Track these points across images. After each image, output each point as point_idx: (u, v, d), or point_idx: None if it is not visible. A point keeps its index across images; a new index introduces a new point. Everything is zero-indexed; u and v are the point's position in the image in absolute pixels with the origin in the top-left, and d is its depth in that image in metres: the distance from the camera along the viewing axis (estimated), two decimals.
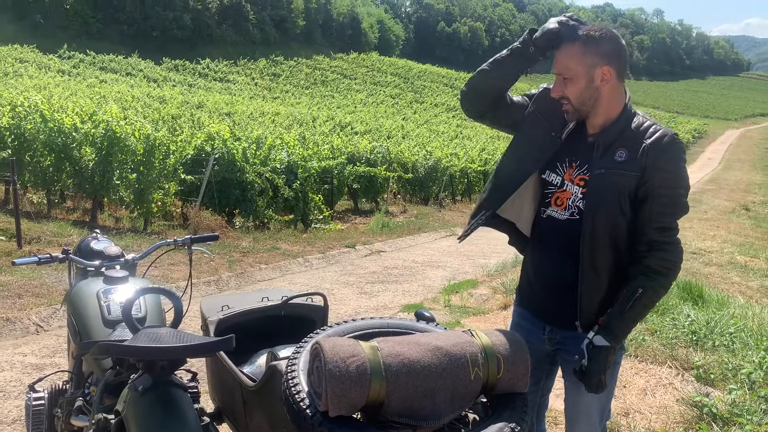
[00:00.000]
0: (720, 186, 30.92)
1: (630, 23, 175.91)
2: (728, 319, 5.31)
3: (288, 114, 37.66)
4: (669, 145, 1.91)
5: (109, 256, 2.55)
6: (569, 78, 1.93)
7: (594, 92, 1.93)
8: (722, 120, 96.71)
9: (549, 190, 2.07)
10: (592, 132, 2.01)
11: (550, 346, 2.14)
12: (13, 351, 4.57)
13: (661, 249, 1.90)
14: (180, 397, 1.78)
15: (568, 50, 1.92)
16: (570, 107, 1.97)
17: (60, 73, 42.48)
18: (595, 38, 1.91)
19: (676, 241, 1.93)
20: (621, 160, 1.93)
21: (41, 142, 9.12)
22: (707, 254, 11.34)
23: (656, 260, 1.90)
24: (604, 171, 1.95)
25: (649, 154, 1.90)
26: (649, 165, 1.90)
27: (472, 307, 6.42)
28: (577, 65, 1.91)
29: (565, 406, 2.20)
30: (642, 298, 1.89)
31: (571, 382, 2.13)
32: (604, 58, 1.91)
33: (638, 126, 1.96)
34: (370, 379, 1.50)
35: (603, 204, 1.94)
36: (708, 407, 3.56)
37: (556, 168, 2.06)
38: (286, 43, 79.03)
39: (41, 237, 7.76)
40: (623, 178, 1.92)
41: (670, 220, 1.93)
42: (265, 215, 11.24)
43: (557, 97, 1.98)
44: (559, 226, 2.03)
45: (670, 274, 1.91)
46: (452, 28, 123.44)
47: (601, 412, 2.14)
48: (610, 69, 1.92)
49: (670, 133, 1.92)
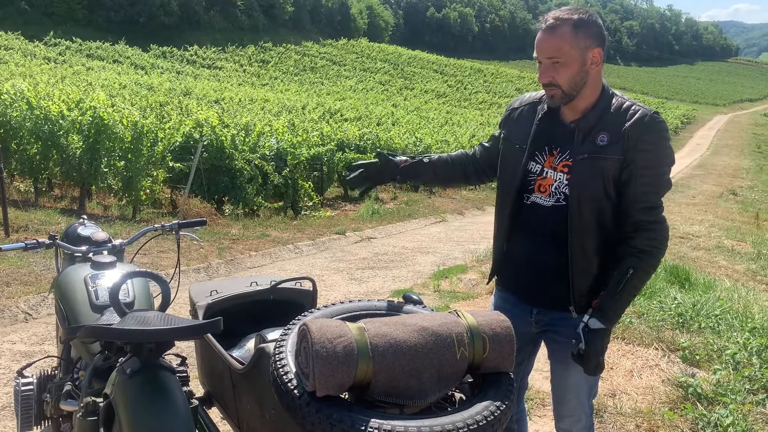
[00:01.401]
0: (708, 171, 31.11)
1: (619, 8, 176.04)
2: (714, 301, 5.38)
3: (277, 101, 37.44)
4: (649, 124, 1.90)
5: (96, 242, 2.55)
6: (561, 62, 1.90)
7: (585, 75, 1.93)
8: (711, 105, 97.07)
9: (530, 177, 2.08)
10: (573, 117, 2.01)
11: (537, 328, 2.16)
12: (1, 339, 4.56)
13: (648, 229, 1.92)
14: (168, 379, 1.78)
15: (559, 33, 1.89)
16: (559, 92, 1.94)
17: (46, 60, 41.92)
18: (585, 21, 1.90)
19: (661, 220, 1.94)
20: (603, 144, 1.94)
21: (27, 130, 9.04)
22: (695, 238, 11.43)
23: (644, 240, 1.92)
24: (587, 156, 1.95)
25: (630, 136, 1.90)
26: (631, 147, 1.90)
27: (461, 292, 6.46)
28: (572, 48, 1.89)
29: (552, 385, 2.22)
30: (633, 279, 1.91)
31: (558, 362, 2.16)
32: (596, 40, 1.92)
33: (618, 108, 1.96)
34: (357, 360, 1.51)
35: (588, 189, 1.95)
36: (693, 387, 3.61)
37: (535, 157, 2.07)
38: (275, 30, 78.34)
39: (29, 225, 7.72)
40: (606, 162, 1.93)
41: (655, 199, 1.94)
42: (254, 202, 11.21)
43: (546, 83, 1.95)
44: (546, 212, 2.03)
45: (657, 253, 1.94)
46: (442, 14, 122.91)
47: (590, 390, 2.17)
48: (600, 51, 1.93)
49: (650, 113, 1.92)
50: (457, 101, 63.34)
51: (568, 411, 2.19)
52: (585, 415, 2.19)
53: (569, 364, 2.07)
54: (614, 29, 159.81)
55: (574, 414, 2.18)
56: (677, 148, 46.71)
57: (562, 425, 2.23)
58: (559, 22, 1.89)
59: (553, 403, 2.26)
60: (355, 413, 1.49)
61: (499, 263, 2.22)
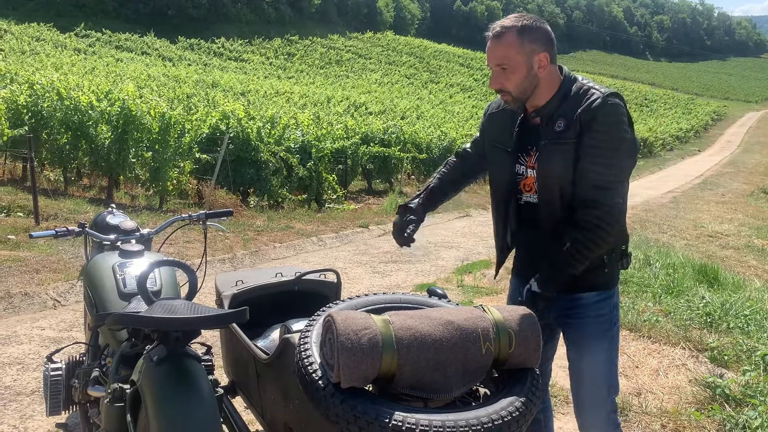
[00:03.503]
0: (738, 169, 30.51)
1: (650, 3, 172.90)
2: (744, 301, 5.28)
3: (303, 94, 37.56)
4: (601, 106, 1.92)
5: (125, 231, 2.58)
6: (509, 68, 1.96)
7: (533, 79, 1.98)
8: (742, 102, 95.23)
9: (518, 179, 2.15)
10: (534, 109, 2.07)
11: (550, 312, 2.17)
12: (31, 325, 4.65)
13: (592, 206, 1.93)
14: (194, 368, 1.80)
15: (505, 41, 1.95)
16: (509, 97, 2.02)
17: (76, 51, 42.55)
18: (530, 27, 1.96)
19: (609, 202, 1.93)
20: (560, 129, 1.99)
21: (58, 120, 9.19)
22: (724, 237, 11.24)
23: (584, 215, 1.94)
24: (546, 143, 2.01)
25: (582, 118, 1.94)
26: (585, 128, 1.93)
27: (485, 287, 6.43)
28: (517, 54, 1.95)
29: (570, 374, 2.24)
30: (570, 250, 1.94)
31: (572, 344, 2.20)
32: (542, 44, 1.97)
33: (576, 92, 2.00)
34: (382, 352, 1.51)
35: (551, 175, 2.01)
36: (721, 388, 3.55)
37: (519, 159, 2.14)
38: (301, 22, 78.52)
39: (58, 214, 7.85)
40: (564, 146, 1.97)
41: (605, 180, 1.93)
42: (279, 194, 11.27)
43: (496, 89, 2.02)
44: (534, 207, 2.10)
45: (596, 230, 1.93)
46: (469, 7, 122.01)
47: (607, 381, 2.16)
48: (546, 55, 1.97)
49: (603, 95, 1.94)
50: (483, 95, 62.88)
51: (587, 402, 2.18)
52: (606, 410, 2.16)
53: (582, 349, 2.14)
54: (644, 24, 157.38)
55: (593, 406, 2.16)
56: (705, 146, 45.97)
57: (582, 417, 2.21)
58: (504, 29, 1.96)
59: (572, 390, 2.24)
60: (379, 405, 1.49)
61: (502, 259, 2.32)
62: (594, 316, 2.12)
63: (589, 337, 2.13)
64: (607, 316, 2.13)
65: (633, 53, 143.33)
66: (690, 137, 50.53)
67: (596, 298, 2.11)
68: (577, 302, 2.12)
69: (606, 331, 2.13)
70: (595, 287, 2.10)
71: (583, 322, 2.13)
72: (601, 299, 2.12)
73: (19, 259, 5.92)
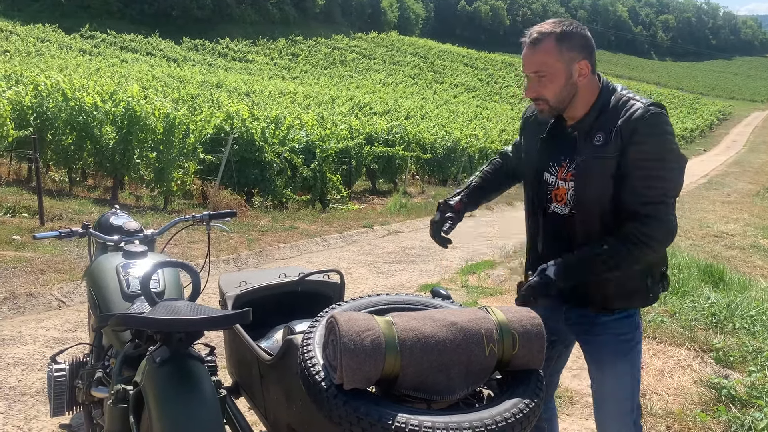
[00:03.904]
0: (744, 168, 30.41)
1: (655, 2, 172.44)
2: (750, 301, 5.25)
3: (307, 94, 37.59)
4: (642, 118, 1.83)
5: (128, 232, 2.58)
6: (546, 76, 1.88)
7: (572, 88, 1.90)
8: (748, 101, 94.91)
9: (548, 188, 2.08)
10: (572, 123, 1.99)
11: (569, 327, 2.14)
12: (36, 325, 4.66)
13: (639, 221, 1.84)
14: (197, 369, 1.80)
15: (543, 47, 1.86)
16: (546, 106, 1.94)
17: (81, 52, 42.70)
18: (569, 33, 1.87)
19: (659, 216, 1.85)
20: (599, 143, 1.90)
21: (63, 121, 9.21)
22: (729, 237, 11.19)
23: (631, 228, 1.85)
24: (585, 158, 1.92)
25: (623, 131, 1.85)
26: (626, 142, 1.85)
27: (490, 288, 6.42)
28: (556, 61, 1.87)
29: (593, 391, 2.17)
30: (602, 254, 1.86)
31: (594, 363, 2.12)
32: (582, 52, 1.89)
33: (615, 105, 1.91)
34: (385, 353, 1.50)
35: (589, 190, 1.92)
36: (726, 389, 3.53)
37: (549, 168, 2.06)
38: (306, 23, 78.61)
39: (63, 214, 7.87)
40: (604, 161, 1.88)
41: (654, 194, 1.85)
42: (283, 195, 11.28)
43: (533, 97, 1.94)
44: (563, 220, 2.04)
45: (642, 246, 1.84)
46: (473, 7, 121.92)
47: (631, 397, 2.08)
48: (587, 63, 1.90)
49: (644, 105, 1.85)
50: (487, 95, 62.90)
51: (610, 421, 2.11)
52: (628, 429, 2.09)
53: (604, 368, 2.06)
54: (649, 23, 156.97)
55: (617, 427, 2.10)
56: (711, 145, 45.82)
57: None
58: (542, 36, 1.87)
59: (594, 411, 2.19)
60: (382, 407, 1.48)
61: (532, 263, 2.22)
62: (616, 335, 2.04)
63: (613, 357, 2.05)
64: (630, 335, 2.05)
65: (638, 53, 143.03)
66: (695, 137, 50.40)
67: (618, 316, 2.03)
68: (597, 320, 2.05)
69: (630, 351, 2.05)
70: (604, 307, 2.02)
71: (604, 340, 2.05)
72: (623, 317, 2.04)
73: (24, 260, 5.94)
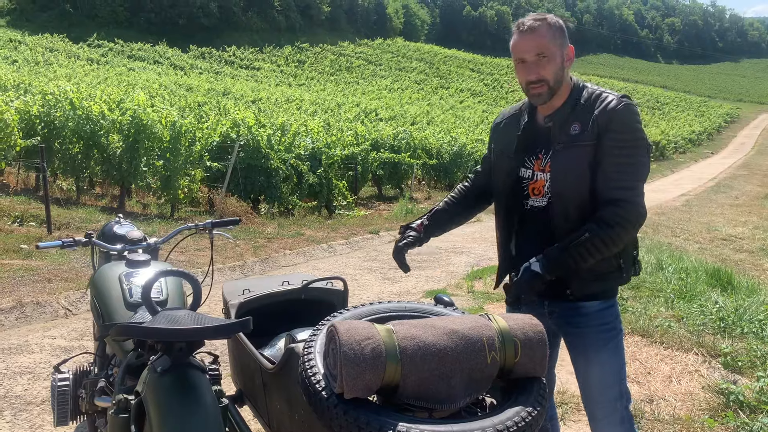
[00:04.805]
0: (752, 171, 30.23)
1: (660, 5, 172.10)
2: (758, 305, 5.21)
3: (313, 101, 37.68)
4: (618, 109, 1.97)
5: (132, 240, 2.59)
6: (547, 57, 1.99)
7: (562, 72, 2.04)
8: (756, 104, 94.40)
9: (524, 183, 2.16)
10: (548, 113, 2.10)
11: (551, 319, 2.18)
12: (42, 334, 4.67)
13: (616, 204, 1.96)
14: (198, 378, 1.79)
15: (541, 31, 1.99)
16: (545, 88, 2.02)
17: (89, 61, 42.98)
18: (556, 22, 2.02)
19: (631, 200, 1.96)
20: (575, 133, 2.02)
21: (70, 130, 9.27)
22: (738, 240, 11.13)
23: (608, 212, 1.95)
24: (561, 146, 2.04)
25: (599, 121, 1.98)
26: (602, 131, 1.97)
27: (495, 293, 6.39)
28: (552, 44, 2.00)
29: (579, 383, 2.22)
30: (585, 242, 1.95)
31: (578, 355, 2.18)
32: (566, 39, 2.04)
33: (588, 97, 2.05)
34: (385, 362, 1.49)
35: (566, 178, 2.03)
36: (735, 395, 3.50)
37: (525, 163, 2.16)
38: (312, 30, 78.90)
39: (70, 223, 7.91)
40: (580, 149, 2.00)
41: (627, 180, 1.97)
42: (289, 201, 11.30)
43: (535, 78, 2.01)
44: (542, 212, 2.12)
45: (618, 228, 1.94)
46: (478, 13, 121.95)
47: (619, 388, 2.14)
48: (573, 49, 2.06)
49: (618, 97, 2.00)
50: (493, 100, 62.82)
51: (599, 410, 2.16)
52: (619, 417, 2.14)
53: (588, 357, 2.13)
54: (655, 26, 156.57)
55: (607, 416, 2.15)
56: (719, 148, 45.60)
57: (597, 427, 2.19)
58: (537, 21, 2.01)
59: (583, 402, 2.23)
60: (383, 416, 1.47)
61: (506, 267, 2.29)
62: (598, 325, 2.11)
63: (597, 347, 2.12)
64: (612, 324, 2.13)
65: (644, 56, 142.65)
66: (703, 140, 50.19)
67: (599, 306, 2.11)
68: (579, 311, 2.12)
69: (612, 339, 2.13)
70: (599, 296, 2.10)
71: (587, 332, 2.12)
72: (605, 308, 2.12)
73: (32, 269, 5.96)
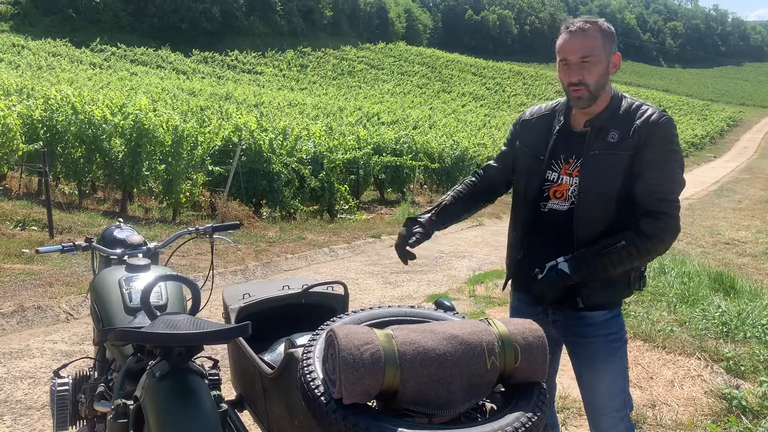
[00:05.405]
0: (755, 175, 30.18)
1: (663, 9, 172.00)
2: (761, 310, 5.19)
3: (315, 105, 37.73)
4: (659, 123, 1.97)
5: (132, 245, 2.59)
6: (593, 61, 1.96)
7: (606, 78, 2.02)
8: (759, 108, 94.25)
9: (546, 185, 2.13)
10: (586, 118, 2.07)
11: (555, 329, 2.17)
12: (44, 338, 4.67)
13: (655, 217, 1.95)
14: (197, 383, 1.78)
15: (591, 34, 1.96)
16: (585, 92, 1.99)
17: (92, 66, 43.12)
18: (608, 27, 2.01)
19: (671, 213, 1.96)
20: (614, 140, 2.01)
21: (72, 134, 9.28)
22: (741, 244, 11.10)
23: (648, 224, 1.95)
24: (597, 152, 2.02)
25: (641, 132, 1.97)
26: (642, 143, 1.97)
27: (497, 298, 6.38)
28: (600, 49, 1.98)
29: (582, 393, 2.21)
30: (621, 250, 1.95)
31: (583, 365, 2.17)
32: (615, 46, 2.03)
33: (628, 108, 2.04)
34: (384, 367, 1.48)
35: (598, 184, 2.01)
36: (737, 399, 3.48)
37: (552, 165, 2.13)
38: (314, 34, 79.05)
39: (72, 227, 7.91)
40: (617, 157, 1.99)
41: (667, 192, 1.97)
42: (291, 205, 11.30)
43: (576, 81, 1.98)
44: (562, 216, 2.09)
45: (656, 241, 1.95)
46: (480, 17, 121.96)
47: (623, 396, 2.13)
48: (619, 56, 2.05)
49: (659, 111, 2.00)
50: (495, 104, 62.86)
51: (604, 420, 2.15)
52: (624, 427, 2.14)
53: (595, 367, 2.11)
54: (657, 30, 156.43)
55: (611, 424, 2.13)
56: (721, 152, 45.54)
57: None
58: (588, 24, 1.99)
59: (586, 413, 2.21)
60: (382, 422, 1.47)
61: (515, 269, 2.27)
62: (605, 335, 2.11)
63: (604, 358, 2.11)
64: (618, 334, 2.12)
65: (647, 60, 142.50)
66: (705, 143, 50.13)
67: (606, 316, 2.10)
68: (585, 320, 2.11)
69: (619, 349, 2.12)
70: (605, 306, 2.09)
71: (594, 342, 2.11)
72: (610, 318, 2.11)
73: (33, 273, 5.97)
